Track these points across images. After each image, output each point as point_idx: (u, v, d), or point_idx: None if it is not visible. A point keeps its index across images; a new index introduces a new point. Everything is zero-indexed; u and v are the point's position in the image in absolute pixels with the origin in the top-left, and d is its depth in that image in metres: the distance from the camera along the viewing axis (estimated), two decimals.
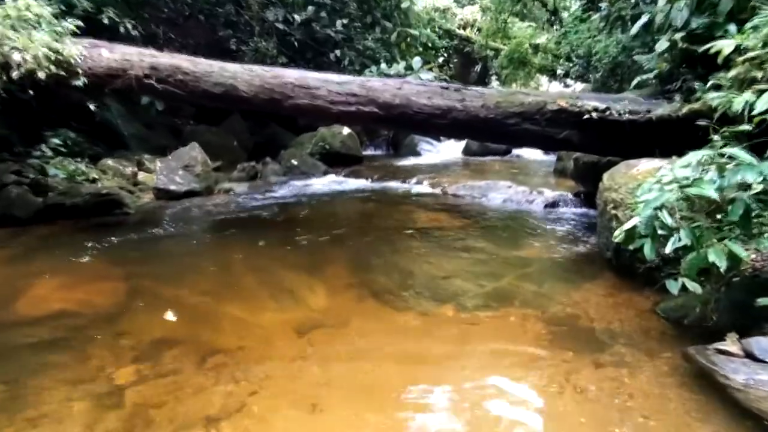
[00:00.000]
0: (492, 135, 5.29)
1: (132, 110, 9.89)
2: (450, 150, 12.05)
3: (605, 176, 4.01)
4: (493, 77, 17.52)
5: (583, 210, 5.91)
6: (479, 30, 16.21)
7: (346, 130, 10.56)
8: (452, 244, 4.90)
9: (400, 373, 2.76)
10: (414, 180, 8.17)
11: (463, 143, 12.12)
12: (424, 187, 7.79)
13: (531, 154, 11.07)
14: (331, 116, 4.99)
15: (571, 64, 11.42)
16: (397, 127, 6.18)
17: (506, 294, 3.71)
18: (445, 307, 3.52)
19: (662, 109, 4.20)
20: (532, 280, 3.94)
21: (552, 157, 10.35)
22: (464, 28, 17.16)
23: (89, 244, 5.15)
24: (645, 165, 3.68)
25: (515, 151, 11.35)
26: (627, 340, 3.02)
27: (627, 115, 4.30)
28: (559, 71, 12.90)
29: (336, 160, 10.14)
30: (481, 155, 11.18)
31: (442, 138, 12.95)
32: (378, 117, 4.89)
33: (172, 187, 7.22)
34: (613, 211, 3.71)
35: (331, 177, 9.30)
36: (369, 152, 12.40)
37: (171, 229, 5.84)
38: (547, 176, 8.29)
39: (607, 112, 4.39)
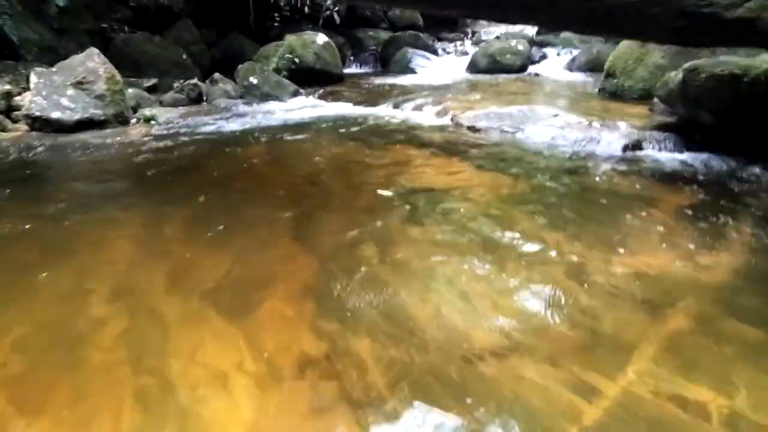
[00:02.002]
0: (591, 15, 2.40)
1: (34, 9, 6.82)
2: (450, 67, 9.13)
3: None
4: None
5: (694, 154, 3.36)
6: None
7: (321, 39, 7.59)
8: (494, 233, 2.39)
9: None
10: (411, 105, 5.46)
11: (465, 60, 9.20)
12: (427, 116, 5.11)
13: (552, 71, 8.26)
14: None
15: None
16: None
17: None
18: None
19: None
20: (704, 370, 1.50)
21: (583, 77, 7.62)
22: None
23: None
24: None
25: (531, 69, 8.52)
26: None
27: None
28: None
29: (309, 77, 7.28)
30: (489, 73, 8.34)
31: (440, 51, 9.98)
32: None
33: (55, 115, 4.48)
34: None
35: (302, 100, 6.55)
36: (352, 69, 9.45)
37: (10, 190, 3.21)
38: (589, 99, 5.59)
39: None
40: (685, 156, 3.35)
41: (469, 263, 2.13)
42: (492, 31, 12.05)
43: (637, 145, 3.55)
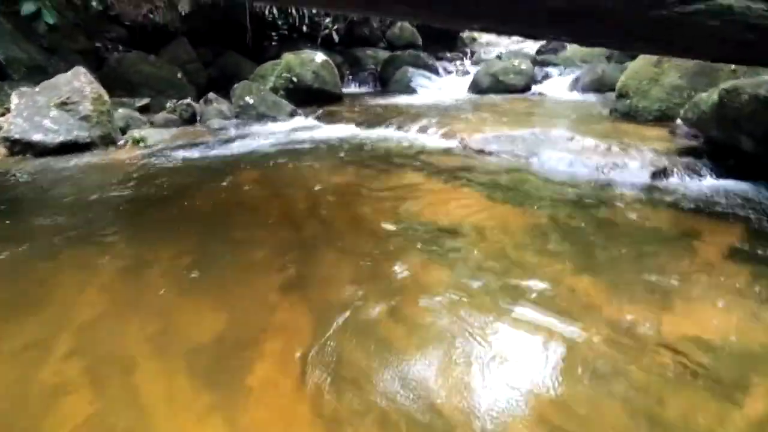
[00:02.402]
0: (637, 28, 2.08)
1: (23, 27, 6.55)
2: (451, 86, 8.90)
3: None
4: None
5: (731, 182, 3.05)
6: None
7: (320, 58, 7.35)
8: (517, 283, 2.06)
9: None
10: (416, 127, 5.18)
11: (467, 79, 8.97)
12: (433, 138, 4.82)
13: (556, 91, 8.04)
14: None
15: None
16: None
17: None
18: None
19: None
20: None
21: (588, 97, 7.38)
22: None
23: None
24: None
25: (535, 88, 8.29)
26: None
27: None
28: None
29: (307, 97, 7.02)
30: (492, 93, 8.09)
31: (441, 71, 9.76)
32: None
33: (37, 137, 4.16)
34: None
35: (300, 120, 6.25)
36: (351, 88, 9.21)
37: None
38: (601, 121, 5.32)
39: None
40: (722, 184, 3.04)
41: (492, 324, 1.80)
42: (491, 51, 11.90)
43: (665, 172, 3.25)
